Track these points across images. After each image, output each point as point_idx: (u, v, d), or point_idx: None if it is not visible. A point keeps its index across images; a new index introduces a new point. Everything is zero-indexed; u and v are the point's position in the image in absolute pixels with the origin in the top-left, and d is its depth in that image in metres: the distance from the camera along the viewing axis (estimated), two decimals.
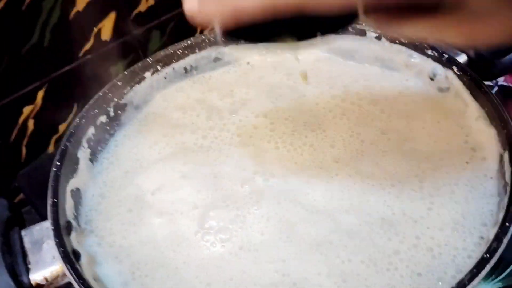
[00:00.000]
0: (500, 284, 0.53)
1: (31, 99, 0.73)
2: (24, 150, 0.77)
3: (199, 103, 0.54)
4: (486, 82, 0.76)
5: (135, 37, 0.82)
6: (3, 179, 0.74)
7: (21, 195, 0.75)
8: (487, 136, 0.43)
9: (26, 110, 0.73)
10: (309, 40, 0.32)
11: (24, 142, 0.76)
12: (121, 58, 0.80)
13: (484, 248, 0.32)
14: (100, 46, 0.77)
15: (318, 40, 0.55)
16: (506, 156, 0.39)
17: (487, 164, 0.42)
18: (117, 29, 0.78)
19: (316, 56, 0.57)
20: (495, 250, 0.31)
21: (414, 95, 0.51)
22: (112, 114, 0.51)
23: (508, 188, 0.36)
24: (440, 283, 0.34)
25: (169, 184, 0.45)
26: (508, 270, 0.54)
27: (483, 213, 0.38)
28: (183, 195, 0.44)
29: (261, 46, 0.33)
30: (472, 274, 0.30)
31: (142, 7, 0.80)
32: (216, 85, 0.56)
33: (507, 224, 0.33)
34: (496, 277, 0.54)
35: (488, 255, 0.31)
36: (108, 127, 0.51)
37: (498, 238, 0.32)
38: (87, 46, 0.76)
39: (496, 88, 0.77)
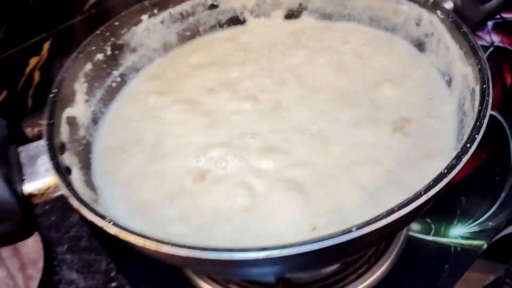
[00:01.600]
0: (476, 228, 0.55)
1: (37, 51, 0.74)
2: (30, 101, 0.79)
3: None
4: (481, 43, 0.78)
5: None
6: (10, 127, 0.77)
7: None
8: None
9: (33, 61, 0.75)
10: None
11: (30, 93, 0.78)
12: None
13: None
14: (105, 0, 0.78)
15: None
16: (477, 89, 0.40)
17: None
18: None
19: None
20: (454, 166, 0.33)
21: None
22: (109, 52, 0.54)
23: (475, 116, 0.38)
24: None
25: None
26: (484, 216, 0.57)
27: None
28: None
29: None
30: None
31: None
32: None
33: (468, 145, 0.35)
34: (473, 222, 0.56)
35: (445, 171, 0.33)
36: (105, 65, 0.53)
37: (457, 156, 0.34)
38: (92, 0, 0.77)
39: (491, 49, 0.77)
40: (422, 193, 0.32)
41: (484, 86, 0.39)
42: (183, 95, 0.53)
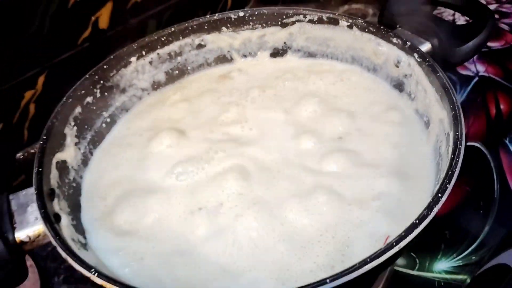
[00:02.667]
0: (460, 262, 0.57)
1: (32, 84, 0.76)
2: (26, 133, 0.80)
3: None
4: (466, 72, 0.79)
5: (131, 26, 0.85)
6: (4, 159, 0.78)
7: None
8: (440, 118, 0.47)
9: (28, 94, 0.76)
10: None
11: (26, 125, 0.79)
12: (118, 47, 0.84)
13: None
14: (97, 34, 0.80)
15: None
16: (451, 134, 0.42)
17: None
18: (114, 18, 0.81)
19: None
20: (424, 217, 0.35)
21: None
22: (98, 95, 0.55)
23: (447, 164, 0.39)
24: None
25: None
26: (468, 250, 0.58)
27: None
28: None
29: None
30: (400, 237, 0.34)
31: None
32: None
33: (439, 195, 0.36)
34: (457, 256, 0.57)
35: (417, 221, 0.35)
36: (94, 108, 0.55)
37: (429, 206, 0.36)
38: (85, 34, 0.79)
39: (476, 79, 0.79)
40: (394, 244, 0.34)
41: (457, 133, 0.41)
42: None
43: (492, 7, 0.93)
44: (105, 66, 0.56)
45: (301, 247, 0.41)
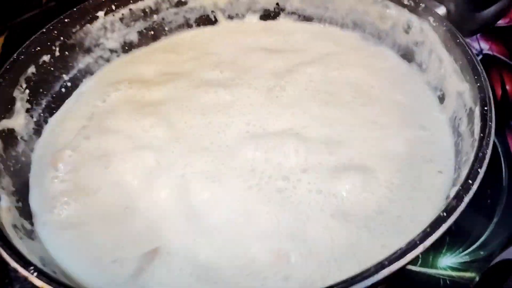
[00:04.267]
0: (467, 258, 0.51)
1: None
2: None
3: None
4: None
5: None
6: None
7: None
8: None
9: None
10: None
11: None
12: None
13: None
14: None
15: None
16: (477, 110, 0.35)
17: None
18: None
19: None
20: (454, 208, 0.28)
21: None
22: (57, 54, 0.47)
23: (476, 144, 0.33)
24: None
25: None
26: (476, 244, 0.52)
27: None
28: None
29: None
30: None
31: None
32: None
33: (469, 181, 0.30)
34: (464, 250, 0.51)
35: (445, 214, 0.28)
36: (52, 68, 0.47)
37: (458, 196, 0.29)
38: None
39: (480, 57, 0.73)
40: (418, 242, 0.27)
41: (486, 108, 0.34)
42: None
43: None
44: (66, 20, 0.47)
45: None
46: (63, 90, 0.48)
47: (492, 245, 0.51)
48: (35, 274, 0.27)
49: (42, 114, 0.45)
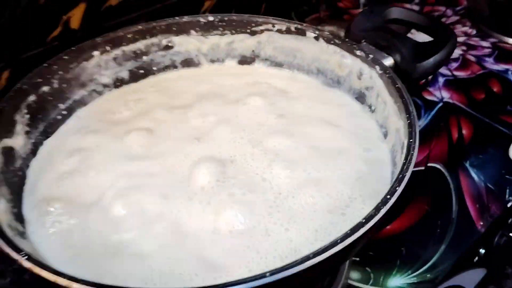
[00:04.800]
0: (415, 279, 0.56)
1: None
2: None
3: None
4: (431, 98, 0.81)
5: (104, 30, 0.84)
6: None
7: None
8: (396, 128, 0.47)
9: None
10: None
11: None
12: None
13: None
14: (68, 34, 0.79)
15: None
16: (405, 142, 0.42)
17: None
18: (86, 20, 0.80)
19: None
20: (371, 217, 0.34)
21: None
22: (56, 86, 0.54)
23: (398, 169, 0.39)
24: None
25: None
26: (423, 268, 0.57)
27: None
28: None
29: None
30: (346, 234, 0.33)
31: (113, 1, 0.83)
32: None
33: (388, 196, 0.36)
34: (412, 272, 0.57)
35: (364, 220, 0.34)
36: (51, 98, 0.53)
37: (376, 208, 0.35)
38: (55, 32, 0.78)
39: (440, 104, 0.81)
40: (339, 241, 0.33)
41: (411, 140, 0.41)
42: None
43: (461, 39, 0.96)
44: (65, 57, 0.54)
45: None
46: (59, 117, 0.55)
47: (438, 269, 0.57)
48: (26, 257, 0.32)
49: (39, 137, 0.52)
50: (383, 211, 0.35)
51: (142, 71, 0.62)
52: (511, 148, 0.71)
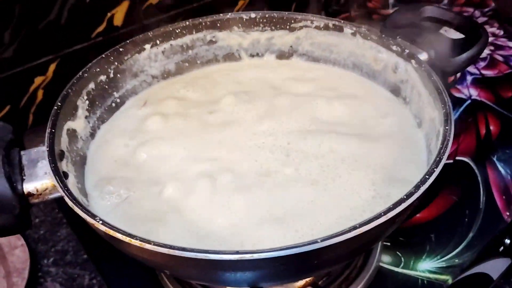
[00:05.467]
0: (443, 264, 0.59)
1: (43, 71, 0.79)
2: (31, 117, 0.83)
3: None
4: (459, 95, 0.84)
5: (145, 27, 0.89)
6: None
7: None
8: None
9: (38, 80, 0.79)
10: None
11: (32, 110, 0.82)
12: None
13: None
14: (111, 30, 0.84)
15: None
16: (441, 130, 0.45)
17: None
18: (129, 17, 0.85)
19: None
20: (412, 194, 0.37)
21: None
22: (111, 75, 0.58)
23: (435, 153, 0.42)
24: None
25: None
26: (452, 253, 0.60)
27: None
28: None
29: None
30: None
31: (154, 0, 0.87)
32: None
33: (426, 176, 0.39)
34: (441, 258, 0.60)
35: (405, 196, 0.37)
36: (106, 87, 0.58)
37: (416, 185, 0.38)
38: (100, 28, 0.83)
39: (469, 101, 0.83)
40: (382, 214, 0.36)
41: (447, 127, 0.44)
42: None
43: (489, 40, 0.98)
44: (121, 49, 0.59)
45: None
46: (113, 104, 0.59)
47: (466, 255, 0.59)
48: (101, 222, 0.37)
49: (96, 122, 0.56)
50: (422, 189, 0.38)
51: (187, 64, 0.66)
52: None
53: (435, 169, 0.40)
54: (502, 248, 0.68)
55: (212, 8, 0.93)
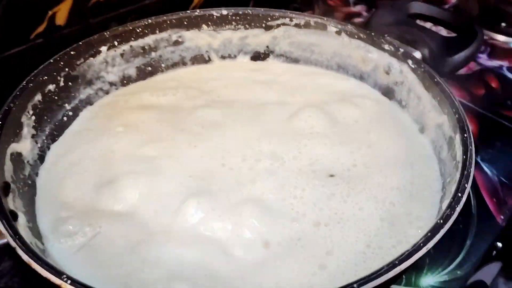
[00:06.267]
0: (446, 277, 0.54)
1: None
2: None
3: None
4: None
5: (91, 26, 0.79)
6: None
7: None
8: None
9: None
10: None
11: None
12: None
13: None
14: (53, 31, 0.74)
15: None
16: (457, 137, 0.40)
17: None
18: (73, 16, 0.75)
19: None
20: (448, 217, 0.32)
21: None
22: (61, 84, 0.49)
23: (460, 165, 0.37)
24: None
25: None
26: (453, 265, 0.56)
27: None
28: None
29: None
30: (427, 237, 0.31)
31: None
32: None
33: (459, 194, 0.34)
34: (442, 270, 0.55)
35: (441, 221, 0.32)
36: (56, 98, 0.48)
37: (451, 206, 0.33)
38: (40, 29, 0.72)
39: None
40: (422, 244, 0.30)
41: (465, 135, 0.39)
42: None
43: None
44: (72, 52, 0.50)
45: None
46: (64, 118, 0.50)
47: (467, 265, 0.56)
48: (69, 281, 0.28)
49: (45, 141, 0.47)
50: (458, 209, 0.33)
51: (149, 68, 0.57)
52: None
53: (466, 185, 0.35)
54: (494, 252, 0.65)
55: (165, 6, 0.85)
